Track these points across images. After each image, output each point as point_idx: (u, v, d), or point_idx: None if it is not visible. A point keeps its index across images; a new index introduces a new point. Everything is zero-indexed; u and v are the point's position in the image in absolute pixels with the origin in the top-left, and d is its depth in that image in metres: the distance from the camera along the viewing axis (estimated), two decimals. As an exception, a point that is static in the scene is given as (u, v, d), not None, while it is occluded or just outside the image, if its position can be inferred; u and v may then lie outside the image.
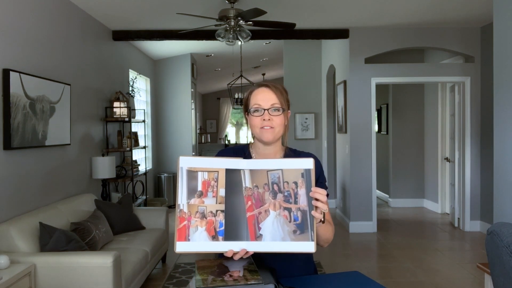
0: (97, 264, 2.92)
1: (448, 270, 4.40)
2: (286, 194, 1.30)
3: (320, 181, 1.62)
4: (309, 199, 1.29)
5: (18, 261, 2.83)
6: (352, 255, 5.04)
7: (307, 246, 1.27)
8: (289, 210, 1.29)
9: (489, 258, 1.56)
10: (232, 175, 1.31)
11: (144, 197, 6.53)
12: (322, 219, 1.32)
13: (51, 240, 3.07)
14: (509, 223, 1.49)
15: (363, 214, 6.02)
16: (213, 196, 1.29)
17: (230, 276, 1.32)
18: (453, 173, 6.34)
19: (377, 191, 7.78)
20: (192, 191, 1.28)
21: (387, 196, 8.08)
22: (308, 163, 1.32)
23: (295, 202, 1.29)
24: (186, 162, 1.30)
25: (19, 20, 3.47)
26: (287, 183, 1.30)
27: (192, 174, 1.29)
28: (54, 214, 3.50)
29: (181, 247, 1.26)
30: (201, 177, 1.29)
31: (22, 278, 2.69)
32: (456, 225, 6.18)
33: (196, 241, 1.26)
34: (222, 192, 1.29)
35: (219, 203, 1.29)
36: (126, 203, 4.52)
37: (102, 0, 4.50)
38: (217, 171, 1.30)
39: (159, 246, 4.23)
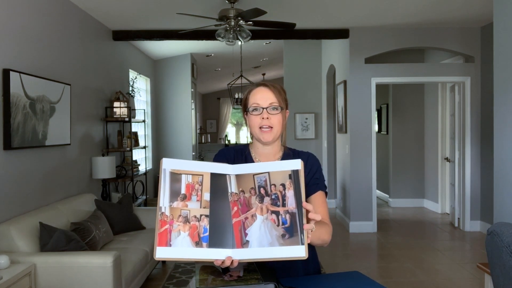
0: (97, 264, 2.92)
1: (448, 270, 4.40)
2: (273, 197, 1.22)
3: (316, 177, 1.61)
4: (298, 200, 1.21)
5: (18, 261, 2.83)
6: (352, 255, 5.04)
7: (297, 251, 1.17)
8: (277, 213, 1.21)
9: (489, 258, 1.56)
10: (217, 180, 1.24)
11: (144, 197, 6.54)
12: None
13: (51, 240, 3.07)
14: (509, 223, 1.49)
15: (363, 214, 6.02)
16: (197, 200, 1.21)
17: (230, 276, 1.32)
18: (453, 173, 6.34)
19: (377, 191, 7.78)
20: (175, 194, 1.20)
21: (387, 196, 8.08)
22: (296, 164, 1.24)
23: (283, 205, 1.21)
24: (169, 164, 1.22)
25: (19, 20, 3.47)
26: (274, 185, 1.23)
27: (175, 177, 1.21)
28: (54, 214, 3.50)
29: (161, 253, 1.14)
30: (184, 180, 1.21)
31: (22, 278, 2.69)
32: (456, 225, 6.18)
33: (178, 247, 1.16)
34: (206, 196, 1.22)
35: (204, 208, 1.21)
36: (126, 203, 4.52)
37: (102, 0, 4.50)
38: (202, 175, 1.23)
39: (159, 246, 4.22)
